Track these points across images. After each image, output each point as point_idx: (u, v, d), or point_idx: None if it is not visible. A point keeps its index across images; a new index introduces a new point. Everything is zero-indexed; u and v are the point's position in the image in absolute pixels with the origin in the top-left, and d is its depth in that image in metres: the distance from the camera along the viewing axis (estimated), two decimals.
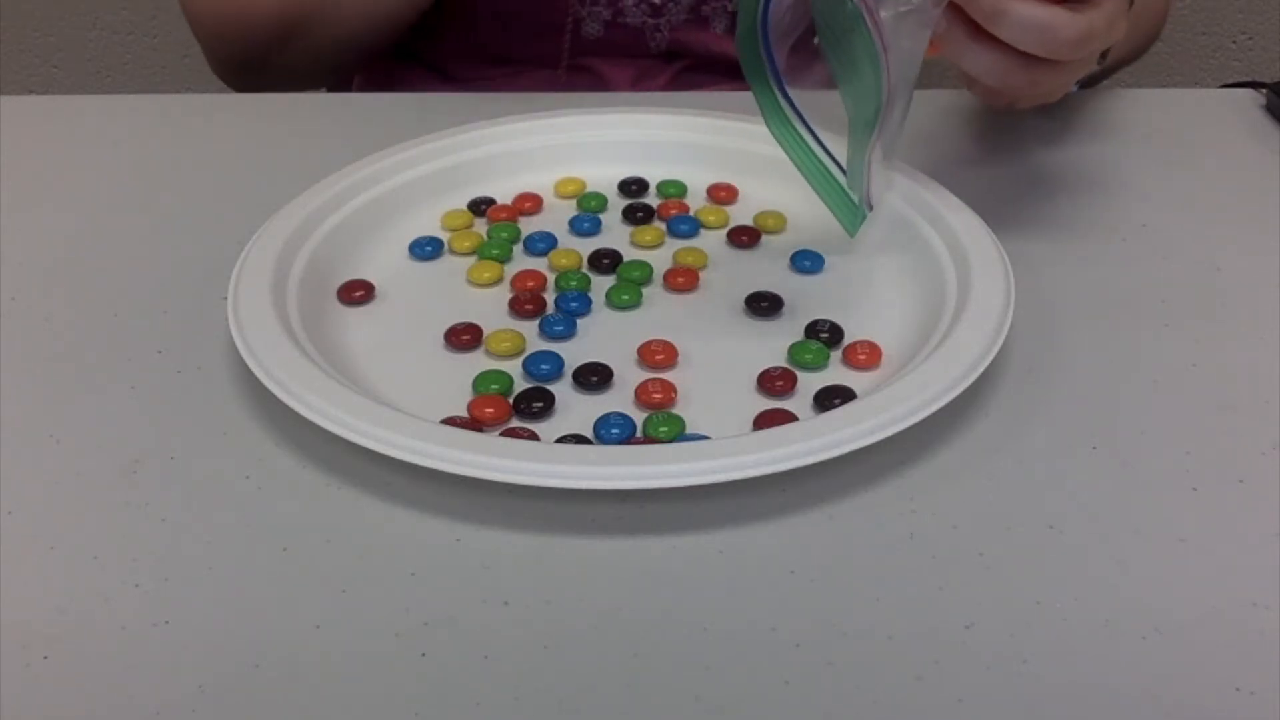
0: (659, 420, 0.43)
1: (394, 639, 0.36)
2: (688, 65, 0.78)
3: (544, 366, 0.46)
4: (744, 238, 0.55)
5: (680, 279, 0.52)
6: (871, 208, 0.52)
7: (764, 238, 0.55)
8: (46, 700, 0.34)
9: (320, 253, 0.51)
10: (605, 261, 0.53)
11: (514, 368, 0.47)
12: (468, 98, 0.67)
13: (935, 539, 0.39)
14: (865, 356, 0.47)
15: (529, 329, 0.49)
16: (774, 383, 0.45)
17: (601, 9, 0.75)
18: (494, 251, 0.54)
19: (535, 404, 0.44)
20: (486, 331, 0.48)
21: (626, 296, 0.50)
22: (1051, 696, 0.34)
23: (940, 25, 0.47)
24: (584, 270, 0.53)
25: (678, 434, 0.43)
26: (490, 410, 0.44)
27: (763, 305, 0.50)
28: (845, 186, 0.52)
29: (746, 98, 0.52)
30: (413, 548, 0.39)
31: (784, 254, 0.54)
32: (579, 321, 0.50)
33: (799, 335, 0.48)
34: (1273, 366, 0.47)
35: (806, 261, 0.53)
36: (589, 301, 0.50)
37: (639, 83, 0.78)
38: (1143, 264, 0.53)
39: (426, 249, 0.54)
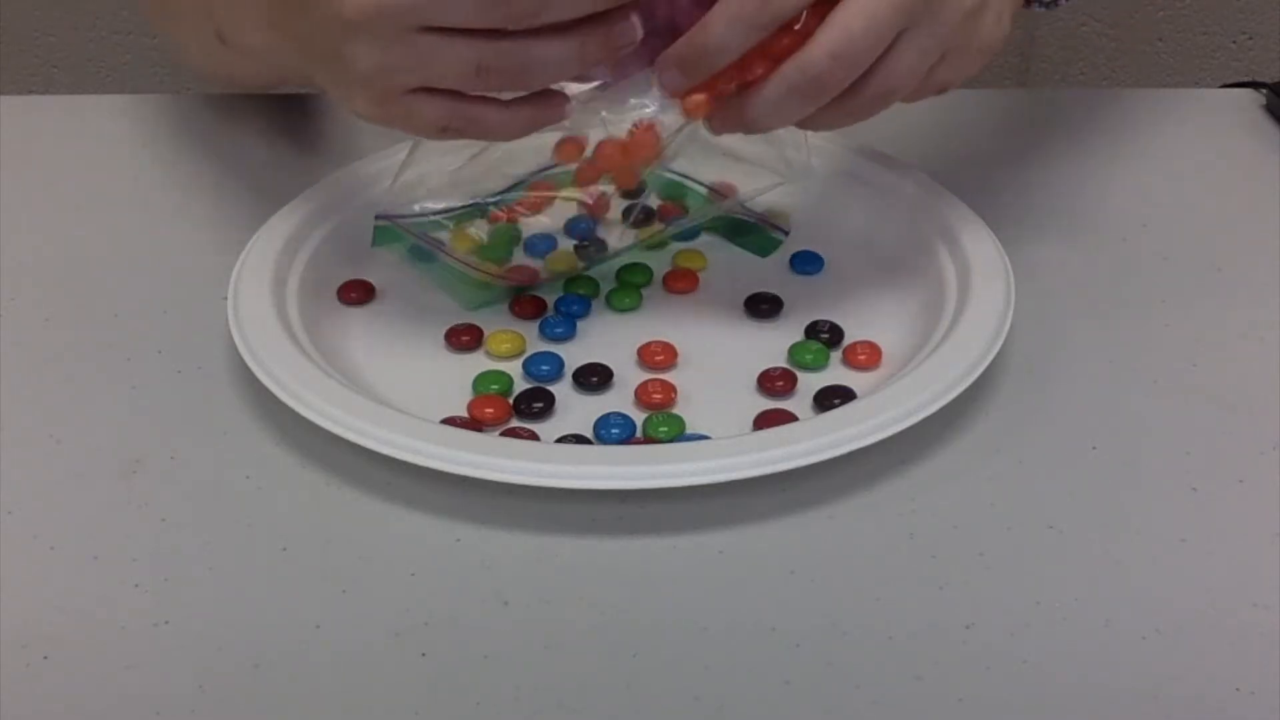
0: (659, 420, 0.43)
1: (394, 639, 0.36)
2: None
3: (544, 367, 0.46)
4: None
5: (680, 280, 0.52)
6: (787, 233, 0.53)
7: None
8: (46, 700, 0.34)
9: (320, 253, 0.51)
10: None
11: (514, 368, 0.47)
12: None
13: (935, 539, 0.39)
14: (865, 356, 0.47)
15: (529, 330, 0.49)
16: (774, 383, 0.45)
17: None
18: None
19: (535, 404, 0.44)
20: (486, 332, 0.48)
21: (628, 300, 0.50)
22: (1051, 696, 0.34)
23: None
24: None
25: (678, 434, 0.43)
26: (490, 410, 0.44)
27: (763, 306, 0.50)
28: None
29: None
30: (413, 548, 0.39)
31: (784, 254, 0.53)
32: (579, 323, 0.49)
33: (799, 335, 0.48)
34: (1273, 366, 0.47)
35: (807, 262, 0.53)
36: (589, 303, 0.50)
37: None
38: (1143, 264, 0.53)
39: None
